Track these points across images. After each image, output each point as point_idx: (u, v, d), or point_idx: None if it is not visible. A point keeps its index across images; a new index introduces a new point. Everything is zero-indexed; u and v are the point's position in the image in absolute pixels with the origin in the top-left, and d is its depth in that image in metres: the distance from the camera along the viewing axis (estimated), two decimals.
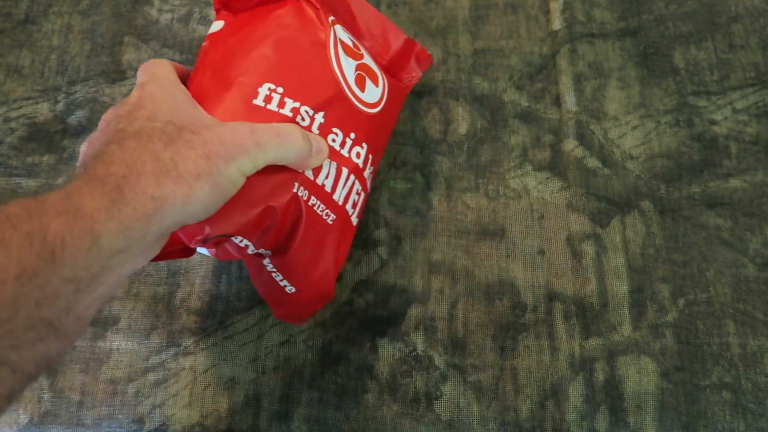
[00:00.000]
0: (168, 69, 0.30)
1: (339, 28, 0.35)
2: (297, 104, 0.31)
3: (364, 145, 0.34)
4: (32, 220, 0.20)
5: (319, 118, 0.32)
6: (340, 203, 0.33)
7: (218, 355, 0.38)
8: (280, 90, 0.31)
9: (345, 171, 0.32)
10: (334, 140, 0.32)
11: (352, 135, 0.33)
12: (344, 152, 0.33)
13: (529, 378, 0.37)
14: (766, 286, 0.39)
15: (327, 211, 0.32)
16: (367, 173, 0.35)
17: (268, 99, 0.30)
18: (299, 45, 0.33)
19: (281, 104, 0.31)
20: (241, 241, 0.30)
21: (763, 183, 0.42)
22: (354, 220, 0.34)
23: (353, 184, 0.33)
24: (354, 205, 0.34)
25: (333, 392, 0.37)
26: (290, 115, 0.31)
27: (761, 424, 0.35)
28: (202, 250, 0.33)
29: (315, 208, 0.31)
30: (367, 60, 0.36)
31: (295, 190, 0.30)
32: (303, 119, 0.31)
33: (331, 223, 0.32)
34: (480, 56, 0.47)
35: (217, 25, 0.35)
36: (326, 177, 0.32)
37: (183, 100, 0.28)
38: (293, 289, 0.32)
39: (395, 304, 0.39)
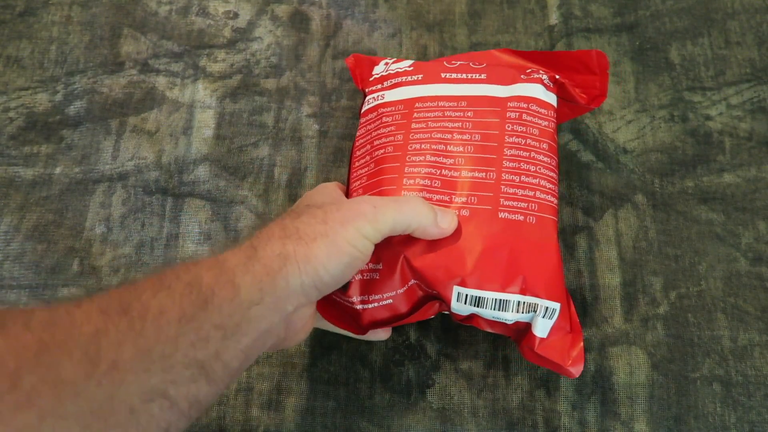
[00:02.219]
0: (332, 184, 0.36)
1: None
2: None
3: None
4: (190, 272, 0.25)
5: None
6: None
7: None
8: None
9: None
10: None
11: None
12: None
13: (520, 367, 0.37)
14: (758, 281, 0.39)
15: None
16: None
17: None
18: None
19: None
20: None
21: (756, 178, 0.42)
22: None
23: None
24: None
25: (325, 381, 0.37)
26: None
27: (751, 417, 0.35)
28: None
29: None
30: None
31: None
32: None
33: None
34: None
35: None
36: None
37: (333, 191, 0.34)
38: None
39: None
